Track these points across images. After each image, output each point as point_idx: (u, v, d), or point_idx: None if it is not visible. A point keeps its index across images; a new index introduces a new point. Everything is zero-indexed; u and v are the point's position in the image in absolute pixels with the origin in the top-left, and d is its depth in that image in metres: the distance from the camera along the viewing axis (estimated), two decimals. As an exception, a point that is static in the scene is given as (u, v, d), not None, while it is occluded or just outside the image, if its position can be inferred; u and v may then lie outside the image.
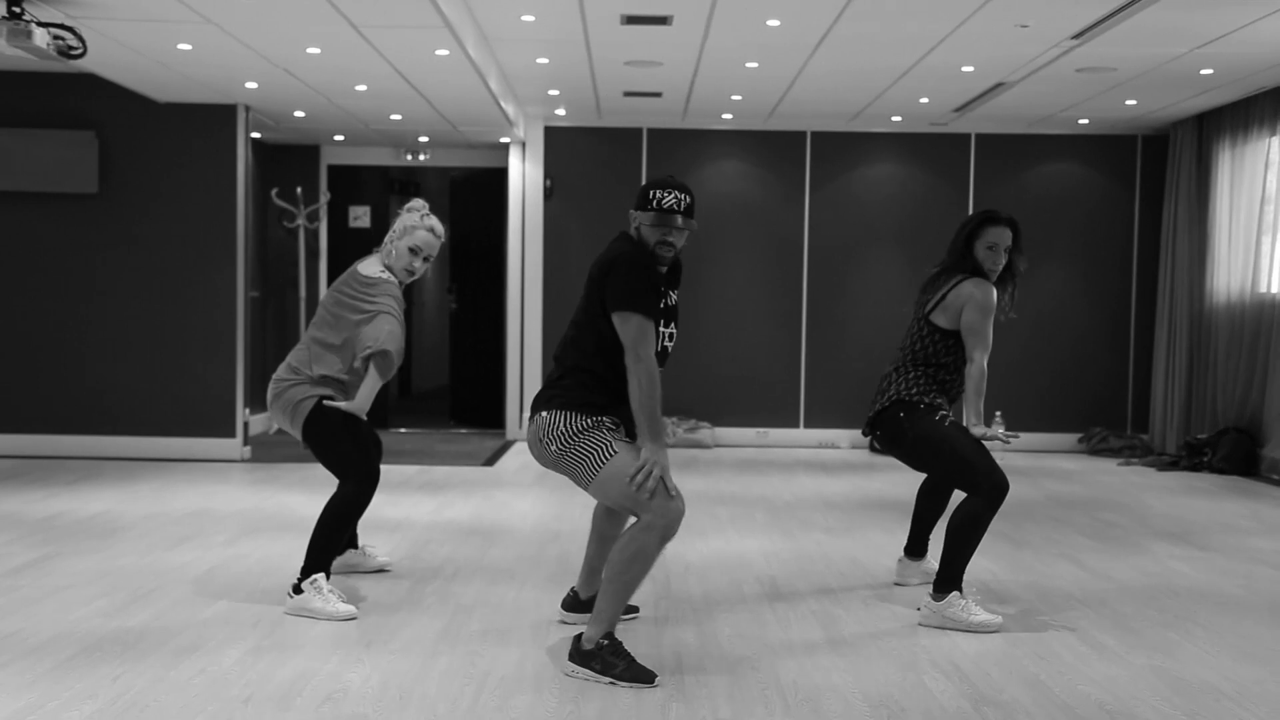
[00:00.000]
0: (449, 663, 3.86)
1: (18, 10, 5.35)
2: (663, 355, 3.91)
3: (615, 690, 3.61)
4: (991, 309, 4.68)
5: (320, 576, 4.44)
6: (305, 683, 3.62)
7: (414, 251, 4.69)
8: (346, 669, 3.77)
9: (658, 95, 8.73)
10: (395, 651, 3.98)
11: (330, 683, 3.63)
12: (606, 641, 3.72)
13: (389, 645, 4.05)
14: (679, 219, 3.87)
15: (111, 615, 4.36)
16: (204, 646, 3.98)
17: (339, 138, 10.22)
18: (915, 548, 5.15)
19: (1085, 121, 9.56)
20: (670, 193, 3.90)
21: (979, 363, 4.66)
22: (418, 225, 4.69)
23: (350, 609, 4.39)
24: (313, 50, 6.77)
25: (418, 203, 4.80)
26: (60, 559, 5.27)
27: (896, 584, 5.14)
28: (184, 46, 6.69)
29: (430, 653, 3.97)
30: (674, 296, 4.02)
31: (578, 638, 3.79)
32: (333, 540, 4.53)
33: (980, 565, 5.46)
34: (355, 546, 5.16)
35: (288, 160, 10.57)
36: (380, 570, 5.15)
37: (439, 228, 4.76)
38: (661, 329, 3.90)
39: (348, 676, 3.70)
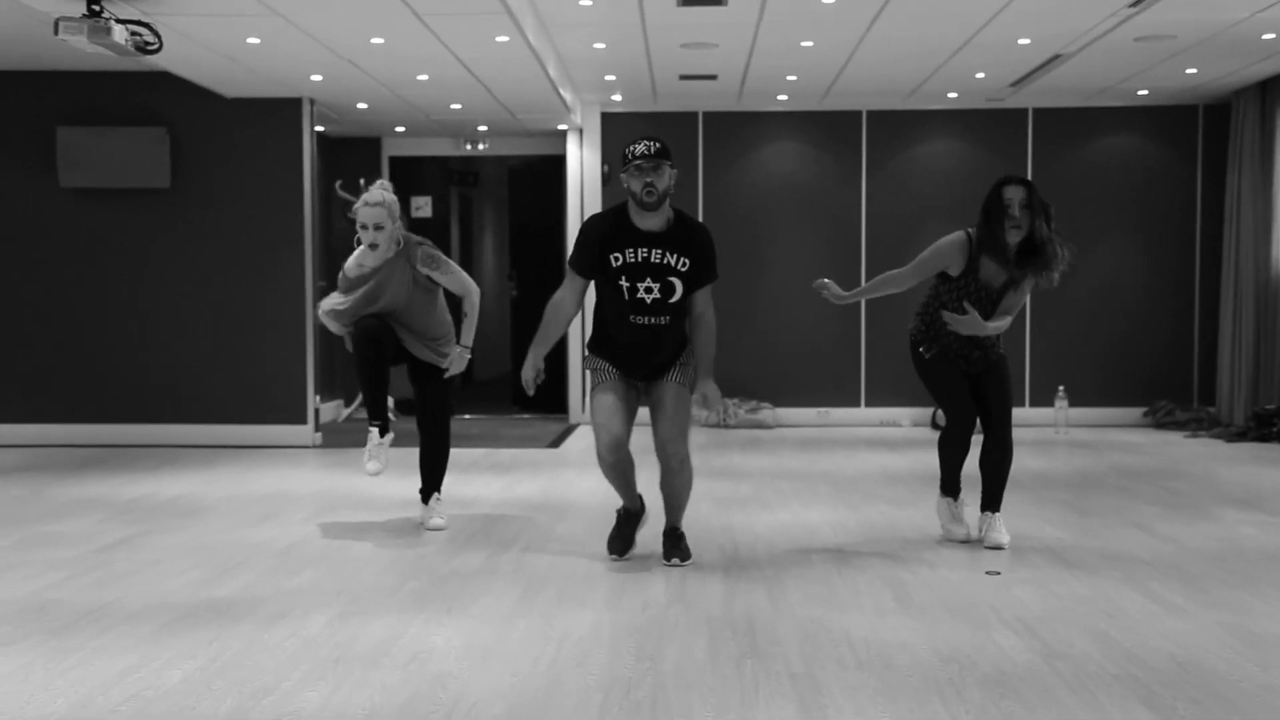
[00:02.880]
0: (527, 625, 3.99)
1: (97, 8, 5.54)
2: (639, 305, 4.70)
3: (692, 646, 3.72)
4: (934, 250, 5.20)
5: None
6: (391, 644, 3.76)
7: (362, 228, 5.38)
8: (430, 632, 3.90)
9: (713, 78, 8.81)
10: (475, 616, 4.10)
11: (415, 644, 3.77)
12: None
13: (468, 610, 4.18)
14: (648, 161, 4.61)
15: (202, 586, 4.53)
16: (292, 613, 4.13)
17: (400, 129, 10.40)
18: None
19: (1144, 92, 9.49)
20: (639, 144, 4.69)
21: (898, 272, 5.34)
22: (359, 207, 5.39)
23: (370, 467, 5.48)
24: (376, 40, 6.92)
25: (374, 188, 5.43)
26: (150, 536, 5.47)
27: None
28: (253, 40, 6.87)
29: (508, 616, 4.10)
30: (672, 258, 4.70)
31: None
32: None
33: (1048, 533, 5.50)
34: (426, 502, 5.67)
35: (350, 152, 10.76)
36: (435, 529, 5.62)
37: (373, 195, 5.38)
38: (624, 282, 4.69)
39: (431, 638, 3.83)
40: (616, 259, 4.74)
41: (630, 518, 5.12)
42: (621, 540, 5.06)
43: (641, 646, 3.74)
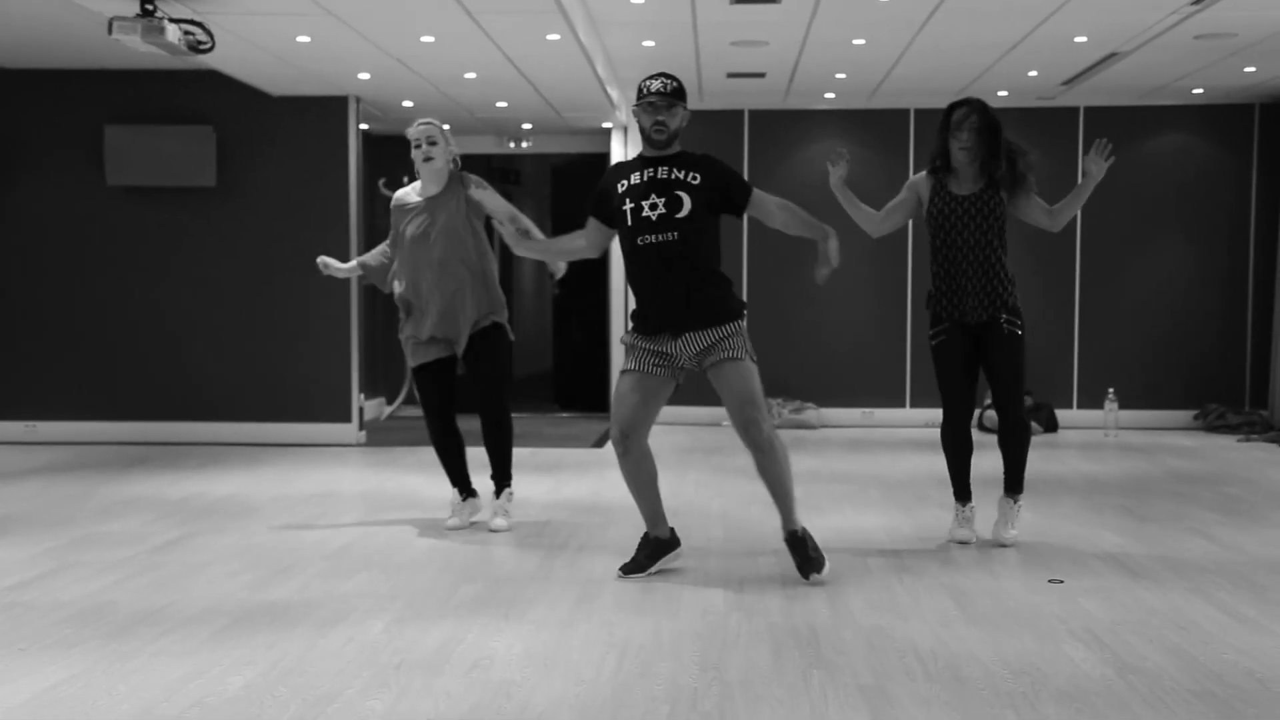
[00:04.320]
0: (587, 632, 3.94)
1: (151, 7, 5.53)
2: (643, 223, 4.53)
3: (756, 655, 3.66)
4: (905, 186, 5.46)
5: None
6: (451, 650, 3.72)
7: (415, 146, 5.52)
8: (489, 638, 3.86)
9: (761, 76, 8.72)
10: (533, 622, 4.06)
11: (475, 650, 3.73)
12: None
13: (526, 615, 4.13)
14: (661, 99, 4.49)
15: (256, 589, 4.51)
16: (349, 617, 4.10)
17: (445, 127, 10.34)
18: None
19: (1199, 91, 9.33)
20: (655, 79, 4.56)
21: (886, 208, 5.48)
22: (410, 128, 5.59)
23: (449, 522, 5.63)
24: (426, 39, 6.89)
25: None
26: (200, 537, 5.47)
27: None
28: (303, 39, 6.85)
29: (567, 622, 4.05)
30: (680, 173, 4.54)
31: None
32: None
33: (1107, 539, 5.41)
34: (497, 496, 5.71)
35: (394, 150, 10.72)
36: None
37: (425, 120, 5.61)
38: (628, 204, 4.57)
39: (491, 645, 3.79)
40: (622, 185, 4.63)
41: (649, 543, 4.75)
42: (634, 561, 4.72)
43: (705, 655, 3.68)
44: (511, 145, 10.85)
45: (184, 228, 8.83)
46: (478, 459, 5.77)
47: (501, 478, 5.70)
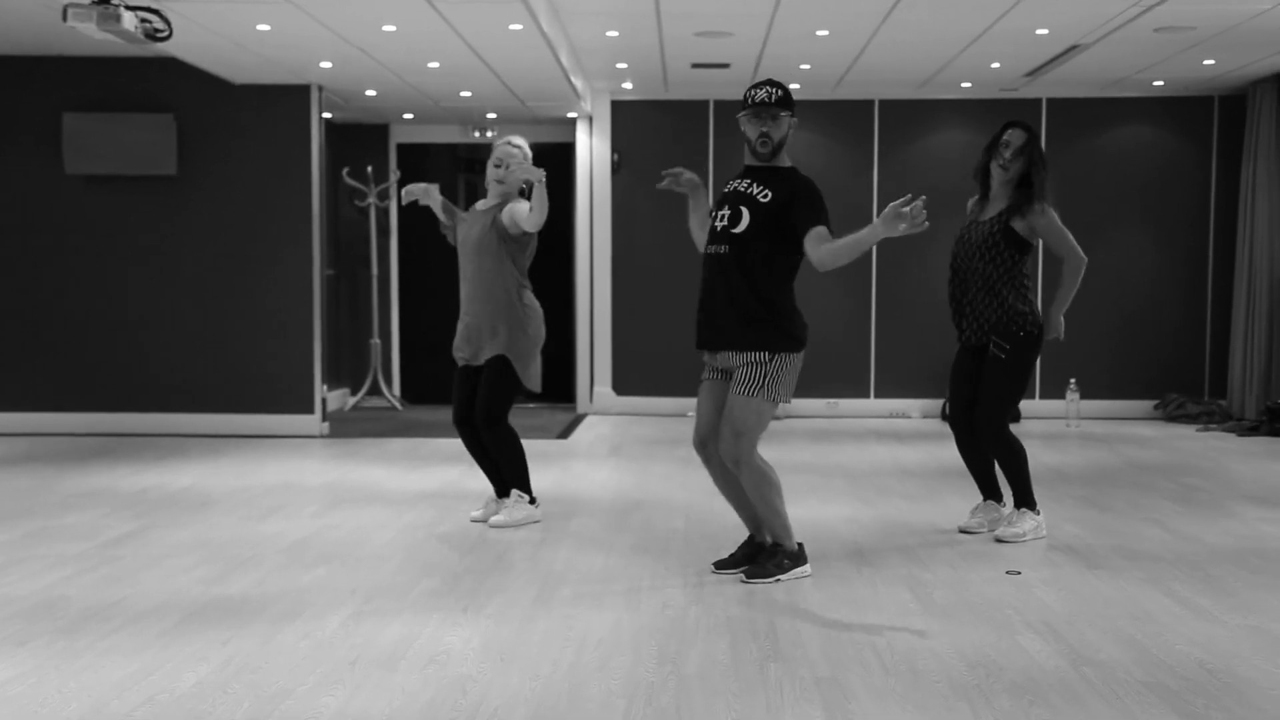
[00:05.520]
0: (546, 626, 3.93)
1: (106, -6, 5.45)
2: (712, 232, 4.50)
3: (714, 649, 3.66)
4: None
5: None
6: (408, 646, 3.70)
7: (495, 165, 5.57)
8: (446, 632, 3.84)
9: (726, 66, 8.71)
10: (491, 616, 4.05)
11: (432, 645, 3.71)
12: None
13: (485, 609, 4.12)
14: (766, 110, 4.40)
15: (212, 583, 4.47)
16: (305, 612, 4.07)
17: (408, 116, 10.31)
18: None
19: (1160, 83, 9.40)
20: (760, 89, 4.45)
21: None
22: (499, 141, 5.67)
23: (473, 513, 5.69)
24: (388, 28, 6.83)
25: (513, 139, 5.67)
26: (157, 530, 5.41)
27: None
28: (263, 27, 6.78)
29: (526, 617, 4.04)
30: (756, 189, 4.46)
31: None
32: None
33: (1066, 530, 5.45)
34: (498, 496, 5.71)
35: (357, 139, 10.68)
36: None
37: (514, 140, 5.65)
38: (714, 210, 4.58)
39: (448, 639, 3.77)
40: (726, 187, 4.61)
41: (749, 543, 4.71)
42: (729, 555, 4.72)
43: (663, 649, 3.68)
44: (477, 134, 10.79)
45: (144, 217, 8.73)
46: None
47: (499, 486, 5.69)
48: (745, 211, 4.43)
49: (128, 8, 5.55)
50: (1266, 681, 3.39)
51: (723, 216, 4.49)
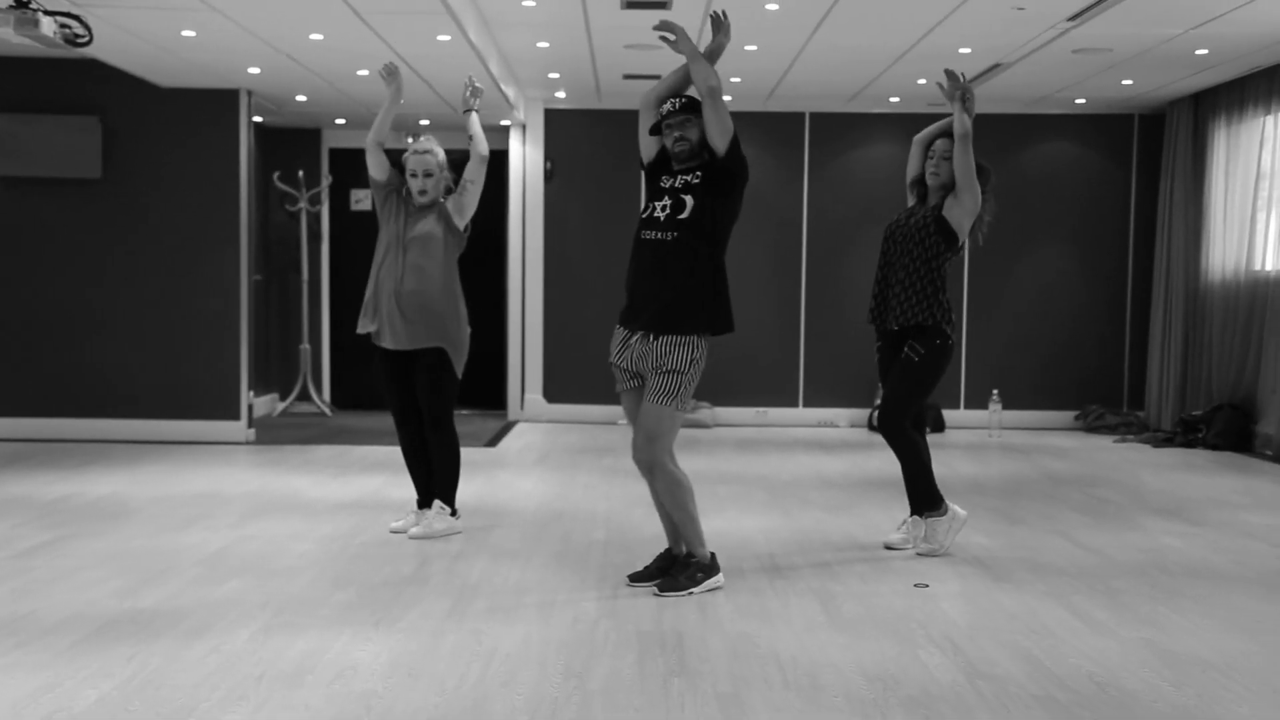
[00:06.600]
0: (456, 640, 3.96)
1: (24, -1, 5.40)
2: (652, 221, 4.64)
3: (621, 663, 3.71)
4: None
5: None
6: (316, 660, 3.72)
7: (412, 175, 5.56)
8: (355, 647, 3.86)
9: (657, 78, 8.75)
10: (403, 630, 4.07)
11: (340, 660, 3.73)
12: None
13: (397, 624, 4.14)
14: (674, 116, 4.64)
15: (124, 596, 4.45)
16: (216, 626, 4.07)
17: (340, 121, 10.27)
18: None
19: (1082, 101, 9.61)
20: (667, 103, 4.74)
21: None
22: (408, 154, 5.59)
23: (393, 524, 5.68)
24: (315, 36, 6.82)
25: (420, 139, 5.62)
26: (71, 541, 5.37)
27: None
28: (188, 33, 6.74)
29: (437, 631, 4.06)
30: (691, 176, 4.61)
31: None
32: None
33: (976, 542, 5.56)
34: (420, 507, 5.71)
35: (289, 144, 10.62)
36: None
37: (421, 144, 5.60)
38: (647, 200, 4.77)
39: (357, 654, 3.79)
40: (662, 180, 4.71)
41: (665, 555, 4.79)
42: (644, 568, 4.79)
43: (570, 664, 3.72)
44: (410, 140, 10.74)
45: (67, 220, 8.63)
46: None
47: (434, 493, 5.66)
48: (688, 200, 4.59)
49: (46, 13, 5.50)
50: (1149, 694, 3.51)
51: (665, 207, 4.63)
